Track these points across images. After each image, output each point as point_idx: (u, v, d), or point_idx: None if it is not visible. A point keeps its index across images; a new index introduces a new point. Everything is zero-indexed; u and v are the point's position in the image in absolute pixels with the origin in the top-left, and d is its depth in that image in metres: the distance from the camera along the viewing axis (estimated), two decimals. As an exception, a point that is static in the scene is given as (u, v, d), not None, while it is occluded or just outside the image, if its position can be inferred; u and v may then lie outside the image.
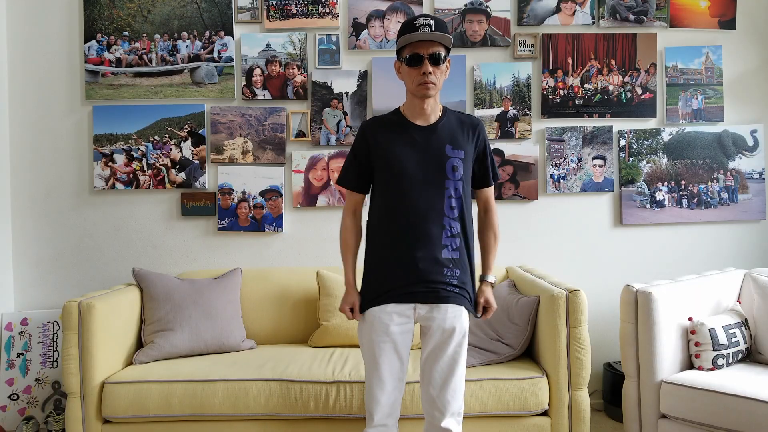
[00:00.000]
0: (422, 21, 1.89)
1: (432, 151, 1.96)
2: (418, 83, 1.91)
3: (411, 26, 1.90)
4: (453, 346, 1.97)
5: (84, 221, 3.31)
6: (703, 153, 3.33)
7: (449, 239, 1.96)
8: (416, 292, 1.95)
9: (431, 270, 1.94)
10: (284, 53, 3.28)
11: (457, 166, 1.96)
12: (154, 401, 2.45)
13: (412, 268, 1.94)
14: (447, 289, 1.96)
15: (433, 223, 1.94)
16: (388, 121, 2.04)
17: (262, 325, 3.01)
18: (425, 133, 1.98)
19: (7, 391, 3.11)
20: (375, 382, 1.99)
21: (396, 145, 1.97)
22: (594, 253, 3.33)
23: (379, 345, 1.97)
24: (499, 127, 3.30)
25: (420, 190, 1.94)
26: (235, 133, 3.29)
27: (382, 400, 1.98)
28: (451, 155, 1.96)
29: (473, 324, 2.78)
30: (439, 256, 1.94)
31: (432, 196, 1.94)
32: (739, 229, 3.35)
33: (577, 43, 3.30)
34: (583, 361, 2.42)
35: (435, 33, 1.88)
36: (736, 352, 2.50)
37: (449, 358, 1.97)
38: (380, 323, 1.97)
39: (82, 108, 3.30)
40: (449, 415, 1.98)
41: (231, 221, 3.29)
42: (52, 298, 3.29)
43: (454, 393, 1.99)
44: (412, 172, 1.94)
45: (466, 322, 2.01)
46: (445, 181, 1.95)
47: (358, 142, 2.05)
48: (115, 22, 3.28)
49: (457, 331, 1.97)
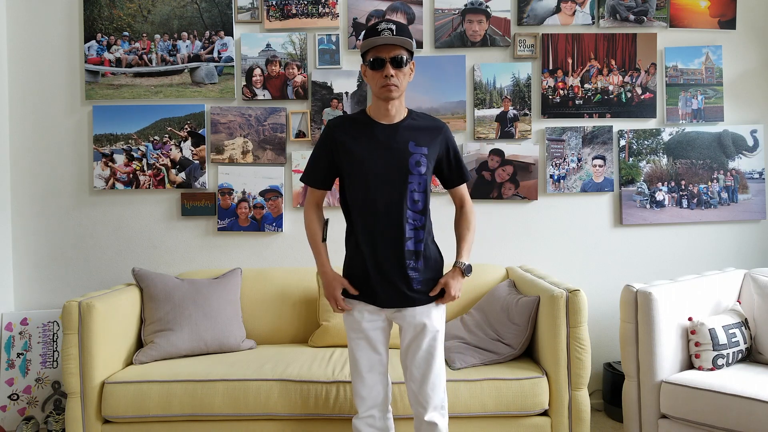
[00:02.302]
0: (384, 26, 1.95)
1: (395, 148, 2.01)
2: (381, 86, 1.97)
3: (373, 31, 1.96)
4: (427, 341, 2.04)
5: (84, 221, 3.31)
6: (703, 153, 3.33)
7: (413, 231, 2.01)
8: (381, 296, 2.02)
9: (395, 269, 2.00)
10: (284, 53, 3.28)
11: (420, 161, 2.01)
12: (154, 401, 2.45)
13: (377, 268, 2.01)
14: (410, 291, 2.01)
15: (398, 217, 1.99)
16: (354, 120, 2.10)
17: (262, 325, 3.01)
18: (389, 130, 2.03)
19: (7, 391, 3.11)
20: (355, 377, 2.10)
21: (359, 142, 2.03)
22: (594, 253, 3.33)
23: (354, 340, 2.07)
24: (499, 127, 3.30)
25: (384, 185, 1.99)
26: (235, 133, 3.29)
27: (363, 394, 2.08)
28: (414, 151, 2.01)
29: (473, 324, 2.79)
30: (403, 249, 2.00)
31: (395, 191, 1.99)
32: (739, 229, 3.36)
33: (577, 43, 3.30)
34: (583, 361, 2.42)
35: (396, 37, 1.93)
36: (736, 352, 2.50)
37: (425, 352, 2.04)
38: (353, 320, 2.07)
39: (82, 108, 3.30)
40: (432, 408, 2.06)
41: (231, 221, 3.29)
42: (52, 298, 3.29)
43: (434, 387, 2.06)
44: (376, 169, 2.00)
45: (437, 318, 2.07)
46: (409, 176, 2.00)
47: (322, 140, 2.10)
48: (115, 22, 3.28)
49: (427, 327, 2.03)
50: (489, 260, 3.27)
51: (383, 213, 1.99)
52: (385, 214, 1.99)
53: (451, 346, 2.69)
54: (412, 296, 2.03)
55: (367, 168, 2.00)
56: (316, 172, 2.12)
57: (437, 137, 2.07)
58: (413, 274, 2.02)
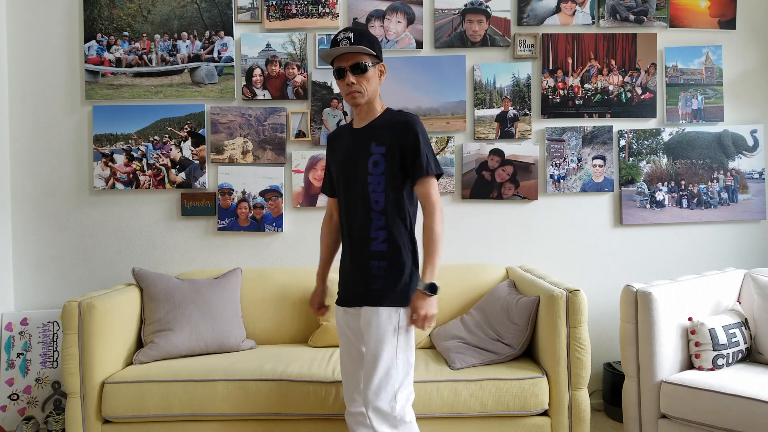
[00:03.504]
0: (342, 35, 2.00)
1: (357, 151, 2.06)
2: (345, 93, 2.05)
3: (333, 41, 2.03)
4: (372, 343, 1.96)
5: (84, 221, 3.31)
6: (703, 153, 3.33)
7: (376, 232, 2.02)
8: (347, 297, 2.12)
9: (361, 269, 2.05)
10: (284, 53, 3.28)
11: (378, 161, 2.01)
12: (154, 401, 2.45)
13: (347, 271, 2.11)
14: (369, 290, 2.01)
15: (364, 219, 2.03)
16: (343, 129, 2.23)
17: (262, 325, 3.01)
18: (356, 135, 2.10)
19: (7, 391, 3.11)
20: (342, 372, 2.17)
21: (337, 151, 2.17)
22: (594, 253, 3.33)
23: (340, 338, 2.16)
24: (499, 127, 3.30)
25: (350, 189, 2.07)
26: (235, 133, 3.29)
27: (347, 388, 2.14)
28: (374, 151, 2.03)
29: (473, 324, 2.79)
30: (367, 249, 2.03)
31: (358, 194, 2.04)
32: (739, 229, 3.36)
33: (577, 43, 3.30)
34: (583, 361, 2.42)
35: (351, 46, 1.97)
36: (736, 352, 2.50)
37: (370, 354, 1.97)
38: (337, 321, 2.18)
39: (82, 108, 3.30)
40: (371, 410, 1.95)
41: (231, 221, 3.29)
42: (52, 298, 3.29)
43: (377, 392, 1.94)
44: (342, 173, 2.11)
45: (387, 320, 1.97)
46: (367, 177, 2.02)
47: (326, 152, 2.29)
48: (115, 22, 3.28)
49: (373, 326, 1.96)
50: (489, 260, 3.27)
51: (353, 216, 2.06)
52: (355, 216, 2.06)
53: (451, 346, 2.69)
54: (369, 295, 1.99)
55: (338, 174, 2.13)
56: (325, 182, 2.30)
57: (397, 132, 2.01)
58: (377, 273, 2.00)
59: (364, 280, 2.03)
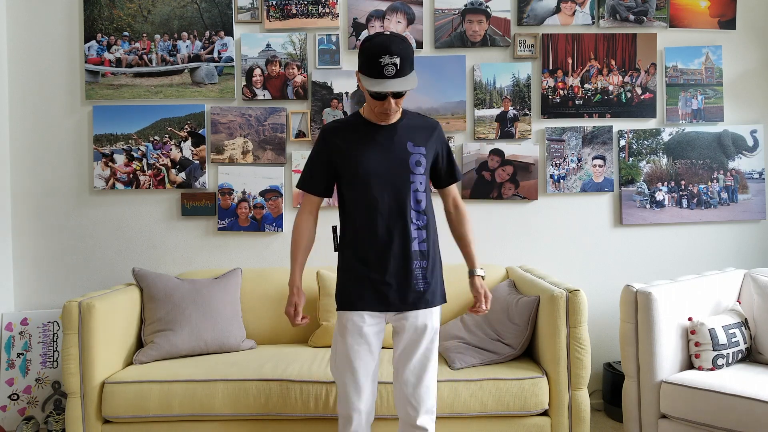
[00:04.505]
0: (388, 60, 1.82)
1: (395, 148, 2.00)
2: (380, 112, 1.95)
3: (375, 63, 1.83)
4: (425, 344, 2.01)
5: (84, 221, 3.31)
6: (703, 153, 3.33)
7: (417, 231, 2.00)
8: (388, 301, 1.97)
9: (401, 271, 1.97)
10: (284, 53, 3.28)
11: (420, 161, 2.01)
12: (154, 401, 2.45)
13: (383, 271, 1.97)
14: (416, 292, 1.98)
15: (402, 218, 1.98)
16: (349, 123, 2.07)
17: (262, 325, 3.01)
18: (386, 132, 2.01)
19: (7, 391, 3.11)
20: (352, 389, 1.98)
21: (358, 145, 2.00)
22: (594, 253, 3.33)
23: (353, 348, 1.97)
24: (499, 127, 3.30)
25: (387, 187, 1.97)
26: (235, 133, 3.29)
27: (360, 407, 1.99)
28: (413, 151, 2.01)
29: (473, 324, 2.79)
30: (409, 249, 1.97)
31: (399, 192, 1.98)
32: (739, 229, 3.36)
33: (577, 43, 3.30)
34: (583, 361, 2.42)
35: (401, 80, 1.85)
36: (736, 352, 2.50)
37: (422, 355, 2.01)
38: (354, 325, 1.98)
39: (82, 108, 3.30)
40: (423, 411, 2.01)
41: (231, 221, 3.29)
42: (52, 298, 3.29)
43: (428, 390, 2.02)
44: (378, 171, 1.97)
45: (437, 319, 2.05)
46: (410, 176, 1.99)
47: (320, 147, 2.07)
48: (115, 22, 3.28)
49: (428, 328, 2.01)
50: (489, 260, 3.27)
51: (387, 215, 1.96)
52: (389, 215, 1.97)
53: (451, 346, 2.69)
54: (419, 298, 1.99)
55: (369, 170, 1.97)
56: (316, 179, 2.07)
57: (432, 136, 2.07)
58: (419, 274, 1.99)
59: (408, 282, 1.97)
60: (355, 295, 2.00)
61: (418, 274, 1.99)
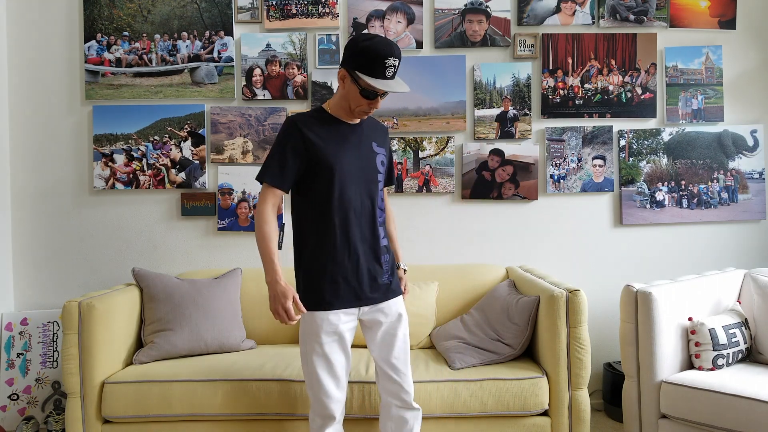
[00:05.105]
0: (392, 62, 1.90)
1: (364, 148, 2.07)
2: (362, 110, 2.00)
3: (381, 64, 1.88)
4: (402, 330, 2.14)
5: (84, 221, 3.31)
6: (703, 153, 3.33)
7: (381, 228, 2.12)
8: (363, 296, 2.03)
9: (372, 266, 2.06)
10: (284, 53, 3.28)
11: (383, 161, 2.14)
12: (154, 401, 2.45)
13: (356, 268, 2.02)
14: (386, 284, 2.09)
15: (372, 217, 2.07)
16: (317, 119, 2.02)
17: (262, 325, 3.01)
18: (354, 131, 2.07)
19: (7, 391, 3.11)
20: (330, 382, 2.00)
21: (331, 141, 1.99)
22: (594, 253, 3.33)
23: (328, 344, 1.99)
24: (499, 127, 3.30)
25: (358, 185, 2.03)
26: (235, 133, 3.29)
27: (340, 397, 2.05)
28: (378, 151, 2.12)
29: (473, 324, 2.79)
30: (378, 246, 2.07)
31: (370, 192, 2.06)
32: (739, 229, 3.36)
33: (577, 43, 3.30)
34: (583, 361, 2.42)
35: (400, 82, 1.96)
36: (736, 352, 2.50)
37: (402, 342, 2.13)
38: (330, 325, 1.99)
39: (82, 108, 3.30)
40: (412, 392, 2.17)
41: (231, 221, 3.29)
42: (52, 298, 3.29)
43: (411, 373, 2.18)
44: (351, 170, 2.01)
45: (404, 307, 2.19)
46: (377, 175, 2.10)
47: (291, 139, 1.96)
48: (115, 22, 3.28)
49: (403, 316, 2.14)
50: (489, 260, 3.28)
51: (360, 213, 2.03)
52: (362, 213, 2.04)
53: (451, 346, 2.69)
54: (388, 288, 2.10)
55: (343, 168, 1.97)
56: (286, 173, 1.96)
57: (386, 138, 2.20)
58: (386, 267, 2.11)
59: (378, 276, 2.07)
60: (330, 294, 1.98)
61: (386, 268, 2.10)
